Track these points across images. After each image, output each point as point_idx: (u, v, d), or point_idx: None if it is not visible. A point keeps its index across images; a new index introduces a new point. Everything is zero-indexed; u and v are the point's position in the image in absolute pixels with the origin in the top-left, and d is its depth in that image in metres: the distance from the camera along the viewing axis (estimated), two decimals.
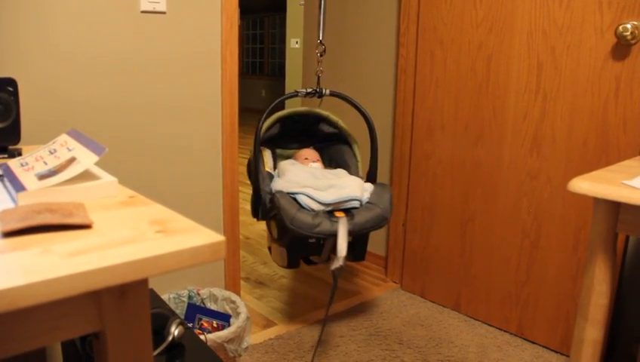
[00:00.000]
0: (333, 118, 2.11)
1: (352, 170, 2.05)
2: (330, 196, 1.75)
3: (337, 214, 1.73)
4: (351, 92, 2.70)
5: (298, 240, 1.82)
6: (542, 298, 1.96)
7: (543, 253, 1.94)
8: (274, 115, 2.09)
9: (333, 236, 1.68)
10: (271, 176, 1.99)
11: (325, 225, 1.68)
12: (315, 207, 1.74)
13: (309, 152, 2.12)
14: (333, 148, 2.19)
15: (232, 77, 1.95)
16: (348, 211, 1.76)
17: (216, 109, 1.93)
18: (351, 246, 1.90)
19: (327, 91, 1.99)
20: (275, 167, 2.09)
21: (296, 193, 1.78)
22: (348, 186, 1.79)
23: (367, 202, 1.81)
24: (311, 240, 1.79)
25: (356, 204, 1.77)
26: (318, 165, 2.07)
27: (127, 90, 1.70)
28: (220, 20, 1.88)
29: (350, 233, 1.69)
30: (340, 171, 2.00)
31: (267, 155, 2.10)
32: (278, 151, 2.22)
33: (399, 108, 2.41)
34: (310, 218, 1.69)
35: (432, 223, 2.30)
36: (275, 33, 9.66)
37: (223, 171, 1.99)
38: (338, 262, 1.59)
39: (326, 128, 2.17)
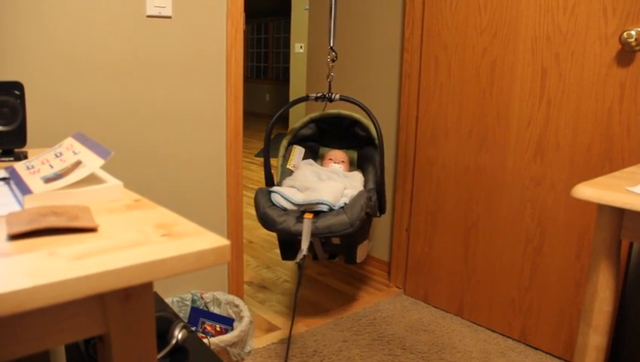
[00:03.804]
0: (365, 122, 2.16)
1: (369, 176, 2.12)
2: (301, 197, 1.83)
3: (306, 216, 1.78)
4: (355, 96, 2.70)
5: (281, 236, 1.95)
6: (545, 304, 1.96)
7: (547, 259, 1.93)
8: (307, 116, 2.23)
9: (295, 235, 1.76)
10: (291, 173, 2.11)
11: (288, 224, 1.75)
12: (288, 206, 1.82)
13: (335, 154, 2.21)
14: (365, 152, 2.25)
15: (237, 81, 1.96)
16: (317, 214, 1.80)
17: (221, 113, 1.94)
18: (340, 249, 1.98)
19: (337, 96, 2.01)
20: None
21: (274, 192, 1.87)
22: (322, 190, 1.83)
23: (341, 207, 1.82)
24: (299, 238, 1.86)
25: (324, 208, 1.80)
26: (341, 167, 2.14)
27: (133, 94, 1.71)
28: (225, 25, 1.89)
29: (313, 235, 1.74)
30: (352, 174, 2.08)
31: (296, 153, 2.20)
32: (324, 149, 2.34)
33: (403, 113, 2.41)
34: (276, 215, 1.77)
35: (436, 228, 2.30)
36: (280, 38, 9.69)
37: (227, 175, 2.00)
38: (299, 256, 1.71)
39: (360, 131, 2.22)
